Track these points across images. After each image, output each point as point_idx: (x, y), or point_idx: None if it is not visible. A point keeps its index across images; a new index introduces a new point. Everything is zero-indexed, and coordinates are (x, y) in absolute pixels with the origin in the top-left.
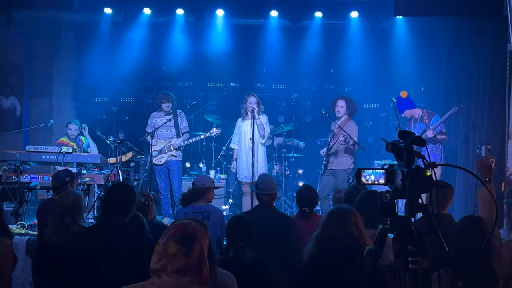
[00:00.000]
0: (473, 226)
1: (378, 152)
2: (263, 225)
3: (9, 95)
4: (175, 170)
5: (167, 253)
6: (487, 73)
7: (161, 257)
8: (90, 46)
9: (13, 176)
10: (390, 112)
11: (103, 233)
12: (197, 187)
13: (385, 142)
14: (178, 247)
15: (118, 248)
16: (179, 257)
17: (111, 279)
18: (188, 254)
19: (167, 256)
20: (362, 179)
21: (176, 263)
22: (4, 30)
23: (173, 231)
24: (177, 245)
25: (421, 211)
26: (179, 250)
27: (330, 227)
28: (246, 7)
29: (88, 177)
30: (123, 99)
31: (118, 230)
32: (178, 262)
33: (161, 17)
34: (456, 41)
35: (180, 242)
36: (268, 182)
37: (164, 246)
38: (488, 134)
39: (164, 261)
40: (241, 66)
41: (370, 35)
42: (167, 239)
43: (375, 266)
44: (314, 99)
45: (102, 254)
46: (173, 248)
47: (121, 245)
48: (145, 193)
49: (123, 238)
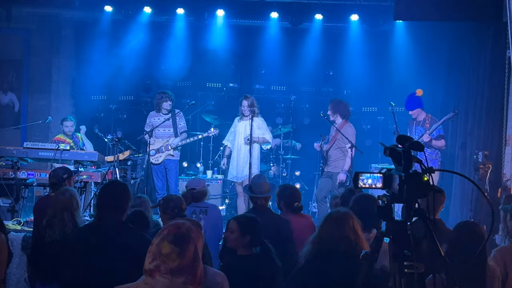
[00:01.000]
0: (470, 232)
1: (376, 156)
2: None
3: (7, 91)
4: (173, 170)
5: (160, 253)
6: (486, 79)
7: (154, 257)
8: (90, 43)
9: (10, 172)
10: (388, 115)
11: (98, 231)
12: (200, 190)
13: (383, 146)
14: (172, 247)
15: (114, 247)
16: (172, 257)
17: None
18: (181, 254)
19: (160, 256)
20: (359, 183)
21: (169, 263)
22: (4, 26)
23: (167, 231)
24: (170, 245)
25: (418, 216)
26: (172, 250)
27: (327, 230)
28: (246, 8)
29: (85, 174)
30: (121, 97)
31: (114, 228)
32: (171, 262)
33: (161, 16)
34: (456, 46)
35: (174, 242)
36: (262, 185)
37: (158, 246)
38: (486, 140)
39: (158, 261)
40: (240, 67)
41: (370, 38)
42: (161, 239)
43: (371, 270)
44: (312, 101)
45: (98, 252)
46: (167, 248)
47: (117, 243)
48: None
49: (119, 237)
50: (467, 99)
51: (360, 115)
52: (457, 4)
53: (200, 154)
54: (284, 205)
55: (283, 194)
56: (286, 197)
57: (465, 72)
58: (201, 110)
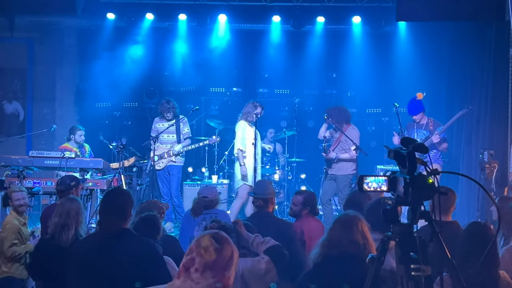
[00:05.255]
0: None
1: (381, 157)
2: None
3: (12, 100)
4: (175, 175)
5: (199, 245)
6: (489, 78)
7: (191, 250)
8: (93, 51)
9: (16, 181)
10: (393, 117)
11: (101, 239)
12: (213, 199)
13: (387, 149)
14: (212, 241)
15: (115, 253)
16: (210, 251)
17: (110, 284)
18: (219, 250)
19: (198, 248)
20: (364, 186)
21: (206, 257)
22: (8, 35)
23: (208, 232)
24: (211, 239)
25: (424, 218)
26: (212, 243)
27: (336, 234)
28: (248, 12)
29: (91, 182)
30: (125, 104)
31: (115, 235)
32: (208, 256)
33: (163, 22)
34: (458, 46)
35: (215, 238)
36: (265, 187)
37: (198, 241)
38: (491, 139)
39: (194, 254)
40: (243, 71)
41: (372, 40)
42: (202, 235)
43: (378, 273)
44: (316, 104)
45: (101, 260)
46: (206, 241)
47: (118, 250)
48: (159, 205)
49: (120, 243)
50: (471, 98)
51: (364, 117)
52: (459, 4)
53: (205, 159)
54: (310, 210)
55: (309, 199)
56: (311, 202)
57: (468, 72)
58: (205, 115)
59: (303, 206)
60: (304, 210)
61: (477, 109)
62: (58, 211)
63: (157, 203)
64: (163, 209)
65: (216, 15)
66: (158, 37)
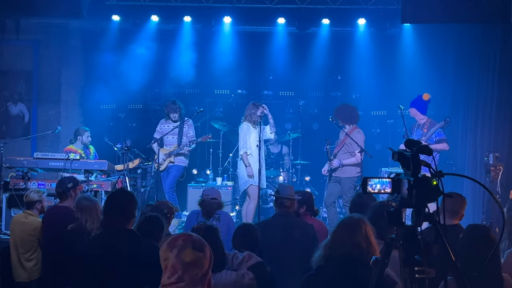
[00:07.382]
0: (480, 235)
1: (386, 160)
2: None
3: (17, 102)
4: (172, 173)
5: (183, 263)
6: (494, 80)
7: (175, 270)
8: (98, 53)
9: (20, 183)
10: (398, 119)
11: (105, 239)
12: (220, 200)
13: (391, 151)
14: (196, 253)
15: (117, 255)
16: (198, 264)
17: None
18: (205, 258)
19: (183, 266)
20: (368, 188)
21: (195, 271)
22: (13, 37)
23: (182, 241)
24: (194, 252)
25: (428, 221)
26: (197, 256)
27: (339, 236)
28: (253, 14)
29: (96, 184)
30: (130, 105)
31: (118, 236)
32: (198, 270)
33: (168, 25)
34: (464, 48)
35: (196, 248)
36: (288, 188)
37: (179, 258)
38: (496, 141)
39: (180, 273)
40: (248, 73)
41: (378, 42)
42: (180, 250)
43: (381, 276)
44: (321, 106)
45: (104, 260)
46: (191, 256)
47: (121, 251)
48: (169, 205)
49: (123, 245)
50: (476, 100)
51: (369, 119)
52: (464, 6)
53: (209, 161)
54: (307, 208)
55: (305, 198)
56: (307, 201)
57: (474, 74)
58: (210, 117)
59: (299, 204)
60: (301, 209)
61: (482, 111)
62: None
63: (168, 203)
64: (172, 210)
65: (221, 17)
66: (163, 39)
